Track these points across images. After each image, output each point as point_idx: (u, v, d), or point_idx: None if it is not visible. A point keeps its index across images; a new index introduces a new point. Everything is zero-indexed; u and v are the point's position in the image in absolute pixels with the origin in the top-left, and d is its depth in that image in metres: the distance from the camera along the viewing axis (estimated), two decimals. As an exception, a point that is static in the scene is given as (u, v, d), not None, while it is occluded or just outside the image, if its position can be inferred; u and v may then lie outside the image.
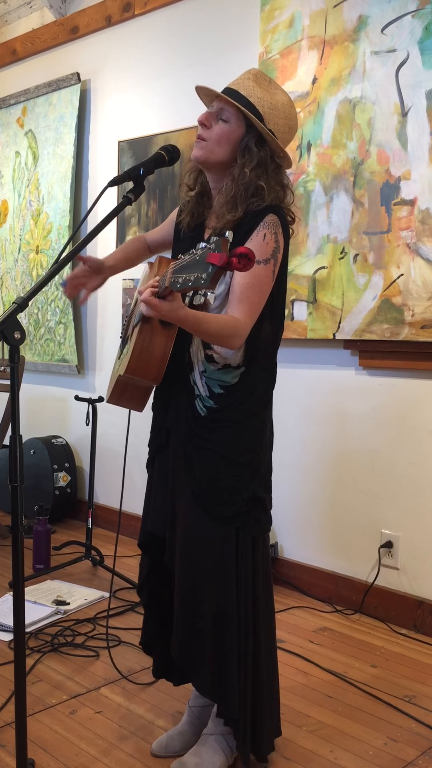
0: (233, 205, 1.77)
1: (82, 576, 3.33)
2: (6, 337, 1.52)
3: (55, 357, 4.33)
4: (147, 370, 1.75)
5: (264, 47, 3.19)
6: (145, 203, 3.78)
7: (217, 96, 1.80)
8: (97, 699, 2.28)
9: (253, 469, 1.84)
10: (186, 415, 1.81)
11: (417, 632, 2.82)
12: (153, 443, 1.96)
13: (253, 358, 1.82)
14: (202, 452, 1.80)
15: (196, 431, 1.80)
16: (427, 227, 2.72)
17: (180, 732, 2.02)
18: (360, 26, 2.88)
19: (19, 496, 1.56)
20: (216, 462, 1.79)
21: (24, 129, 4.49)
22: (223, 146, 1.77)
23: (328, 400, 3.11)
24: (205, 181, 1.89)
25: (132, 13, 3.82)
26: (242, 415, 1.82)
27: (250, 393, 1.83)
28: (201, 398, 1.81)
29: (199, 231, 1.89)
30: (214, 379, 1.80)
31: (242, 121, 1.77)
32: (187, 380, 1.81)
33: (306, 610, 3.02)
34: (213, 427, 1.80)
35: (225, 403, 1.80)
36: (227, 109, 1.77)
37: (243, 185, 1.77)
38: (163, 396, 1.88)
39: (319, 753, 2.02)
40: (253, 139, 1.78)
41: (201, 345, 1.80)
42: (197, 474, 1.80)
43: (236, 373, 1.81)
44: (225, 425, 1.80)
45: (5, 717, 2.14)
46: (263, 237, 1.75)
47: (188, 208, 1.91)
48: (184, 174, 1.93)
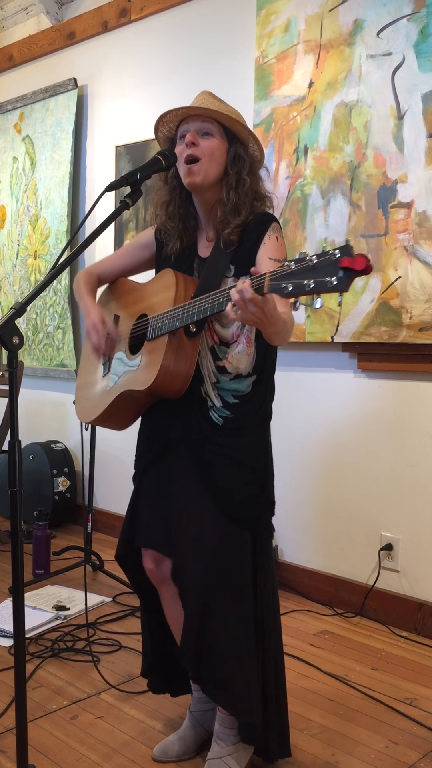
0: (237, 212, 1.82)
1: (81, 581, 3.33)
2: (5, 343, 1.52)
3: (54, 362, 4.33)
4: (172, 384, 1.77)
5: (260, 51, 3.20)
6: (142, 208, 3.79)
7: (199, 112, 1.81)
8: (97, 704, 2.27)
9: (267, 474, 1.89)
10: (200, 425, 1.81)
11: (418, 635, 2.82)
12: (147, 454, 1.93)
13: (263, 366, 1.85)
14: (222, 459, 1.80)
15: (214, 440, 1.81)
16: (425, 230, 2.72)
17: (181, 737, 2.01)
18: (356, 30, 2.89)
19: (19, 501, 1.56)
20: (236, 469, 1.81)
21: (21, 134, 4.49)
22: (216, 161, 1.81)
23: (326, 402, 3.12)
24: (189, 206, 1.91)
25: (128, 18, 3.83)
26: (258, 422, 1.87)
27: (263, 400, 1.88)
28: (215, 409, 1.82)
29: (191, 251, 1.91)
30: (228, 390, 1.82)
31: (224, 134, 1.83)
32: (198, 392, 1.82)
33: (306, 614, 3.01)
34: (231, 435, 1.81)
35: (240, 411, 1.82)
36: (207, 125, 1.81)
37: (244, 192, 1.82)
38: (169, 408, 1.86)
39: (321, 756, 2.01)
40: (240, 147, 1.84)
41: (210, 357, 1.82)
42: (218, 481, 1.79)
43: (249, 381, 1.83)
44: (243, 433, 1.82)
45: (6, 723, 2.14)
46: (276, 240, 1.81)
47: (174, 235, 1.91)
48: (160, 204, 1.93)
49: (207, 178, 1.81)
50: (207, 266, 1.84)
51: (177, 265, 1.88)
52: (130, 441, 2.04)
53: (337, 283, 1.36)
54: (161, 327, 1.77)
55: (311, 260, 1.40)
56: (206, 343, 1.82)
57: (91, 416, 1.98)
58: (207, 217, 1.90)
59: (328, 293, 1.39)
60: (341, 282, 1.36)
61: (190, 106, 1.83)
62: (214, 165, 1.81)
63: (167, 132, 1.91)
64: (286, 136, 3.12)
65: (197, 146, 1.80)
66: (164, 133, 1.91)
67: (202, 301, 1.66)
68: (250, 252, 1.80)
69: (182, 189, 1.89)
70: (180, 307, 1.73)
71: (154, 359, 1.78)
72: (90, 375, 2.08)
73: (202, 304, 1.66)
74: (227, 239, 1.82)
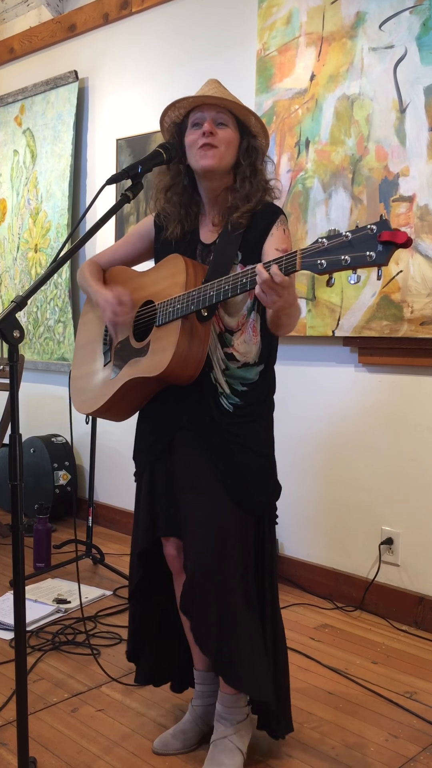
0: (248, 200, 1.84)
1: (82, 574, 3.33)
2: (5, 336, 1.52)
3: (55, 355, 4.33)
4: (185, 369, 1.76)
5: (261, 44, 3.18)
6: (143, 201, 3.78)
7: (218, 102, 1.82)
8: (98, 697, 2.28)
9: (273, 461, 1.92)
10: (210, 411, 1.82)
11: (418, 628, 2.82)
12: (154, 446, 1.92)
13: (269, 355, 1.88)
14: (232, 446, 1.82)
15: (224, 427, 1.82)
16: (426, 223, 2.72)
17: (182, 730, 2.02)
18: (358, 22, 2.88)
19: (19, 495, 1.56)
20: (247, 455, 1.83)
21: (22, 127, 4.48)
22: (231, 150, 1.84)
23: (327, 397, 3.11)
24: (194, 192, 1.92)
25: (129, 10, 3.81)
26: (265, 411, 1.90)
27: (269, 390, 1.91)
28: (225, 395, 1.83)
29: (193, 236, 1.91)
30: (236, 377, 1.83)
31: (237, 125, 1.85)
32: (208, 378, 1.82)
33: (307, 607, 3.02)
34: (242, 422, 1.83)
35: (250, 399, 1.84)
36: (222, 115, 1.83)
37: (257, 182, 1.86)
38: (177, 396, 1.86)
39: (321, 749, 2.02)
40: (252, 137, 1.87)
41: (219, 344, 1.82)
42: (229, 467, 1.81)
43: (257, 370, 1.85)
44: (253, 419, 1.85)
45: (7, 715, 2.14)
46: (283, 231, 1.84)
47: (175, 219, 1.91)
48: (161, 188, 1.93)
49: (222, 164, 1.82)
50: (216, 251, 1.84)
51: (178, 251, 1.87)
52: (130, 434, 2.03)
53: (376, 257, 1.38)
54: (173, 312, 1.76)
55: (346, 236, 1.42)
56: (214, 330, 1.82)
57: (91, 407, 1.96)
58: (212, 204, 1.90)
59: (366, 268, 1.41)
60: (381, 256, 1.38)
61: (207, 95, 1.83)
62: (228, 154, 1.83)
63: (175, 118, 1.90)
64: (287, 129, 3.11)
65: (215, 135, 1.81)
66: (172, 119, 1.90)
67: (221, 283, 1.66)
68: (258, 241, 1.82)
69: (186, 175, 1.90)
70: (195, 290, 1.72)
71: (165, 344, 1.76)
72: (87, 365, 2.05)
73: (221, 286, 1.66)
74: (236, 222, 1.83)
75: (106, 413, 1.96)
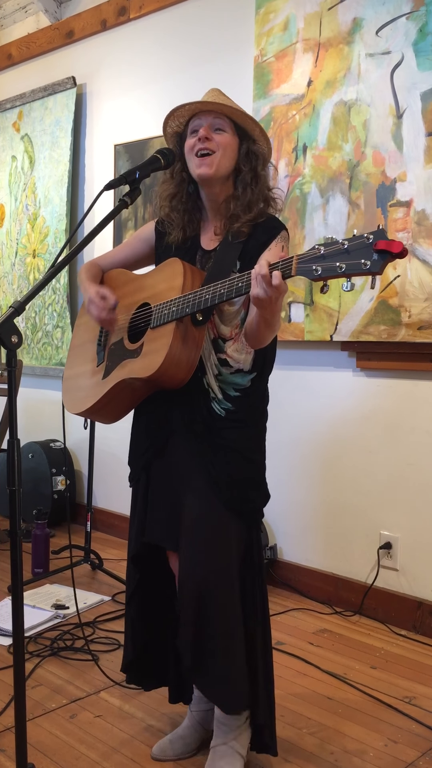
0: (249, 209, 1.85)
1: (81, 579, 3.33)
2: (3, 341, 1.52)
3: (53, 361, 4.33)
4: (177, 372, 1.76)
5: (259, 50, 3.20)
6: (141, 206, 3.79)
7: (215, 108, 1.83)
8: (96, 703, 2.27)
9: (263, 468, 1.91)
10: (202, 416, 1.82)
11: (416, 633, 2.82)
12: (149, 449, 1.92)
13: (263, 364, 1.88)
14: (224, 451, 1.81)
15: (217, 432, 1.82)
16: (423, 228, 2.72)
17: (181, 736, 2.01)
18: (354, 28, 2.89)
19: (18, 500, 1.55)
20: (238, 461, 1.82)
21: (20, 133, 4.49)
22: (228, 156, 1.84)
23: (325, 401, 3.12)
24: (197, 199, 1.92)
25: (127, 17, 3.83)
26: (257, 417, 1.90)
27: (262, 396, 1.91)
28: (217, 400, 1.83)
29: (193, 242, 1.91)
30: (229, 383, 1.83)
31: (235, 130, 1.86)
32: (200, 383, 1.82)
33: (305, 612, 3.01)
34: (233, 428, 1.83)
35: (242, 405, 1.84)
36: (220, 120, 1.83)
37: (258, 189, 1.86)
38: (169, 399, 1.86)
39: (319, 755, 2.01)
40: (252, 143, 1.88)
41: (213, 349, 1.82)
42: (219, 472, 1.80)
43: (249, 377, 1.85)
44: (244, 425, 1.85)
45: (5, 721, 2.14)
46: (281, 249, 1.83)
47: (178, 226, 1.92)
48: (165, 196, 1.94)
49: (219, 172, 1.83)
50: (216, 258, 1.85)
51: (178, 255, 1.88)
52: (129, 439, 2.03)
53: (371, 266, 1.39)
54: (168, 314, 1.76)
55: (342, 244, 1.43)
56: (208, 335, 1.83)
57: (81, 407, 1.96)
58: (215, 211, 1.91)
59: (360, 276, 1.42)
60: (375, 264, 1.39)
61: (203, 101, 1.84)
62: (226, 160, 1.83)
63: (176, 127, 1.92)
64: (285, 135, 3.12)
65: (211, 140, 1.81)
66: (173, 128, 1.92)
67: (217, 287, 1.67)
68: (257, 252, 1.82)
69: (190, 183, 1.91)
70: (191, 293, 1.72)
71: (158, 346, 1.77)
72: (80, 366, 2.06)
73: (217, 289, 1.67)
74: (236, 231, 1.84)
75: (95, 414, 1.96)
